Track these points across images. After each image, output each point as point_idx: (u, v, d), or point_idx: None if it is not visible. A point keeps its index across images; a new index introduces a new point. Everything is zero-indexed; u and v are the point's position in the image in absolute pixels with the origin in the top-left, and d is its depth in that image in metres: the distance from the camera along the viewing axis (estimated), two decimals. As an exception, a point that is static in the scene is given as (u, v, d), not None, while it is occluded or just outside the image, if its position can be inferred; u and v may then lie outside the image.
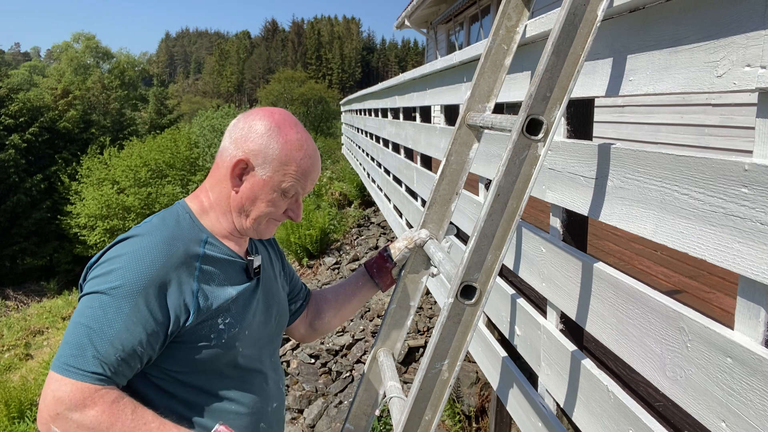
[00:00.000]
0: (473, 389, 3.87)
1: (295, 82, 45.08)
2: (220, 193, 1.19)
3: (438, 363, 1.16)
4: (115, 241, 1.11)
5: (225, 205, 1.18)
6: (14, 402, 6.66)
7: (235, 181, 1.16)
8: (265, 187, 1.15)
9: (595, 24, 1.13)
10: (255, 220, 1.18)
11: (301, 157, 1.17)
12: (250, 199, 1.16)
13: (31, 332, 11.89)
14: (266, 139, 1.15)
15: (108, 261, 1.07)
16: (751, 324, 0.93)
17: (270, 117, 1.18)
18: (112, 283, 1.03)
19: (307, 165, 1.18)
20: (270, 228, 1.23)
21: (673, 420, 1.55)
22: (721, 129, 4.04)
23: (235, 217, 1.18)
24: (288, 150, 1.15)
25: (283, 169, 1.15)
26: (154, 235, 1.10)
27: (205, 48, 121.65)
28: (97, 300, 1.03)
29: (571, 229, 1.61)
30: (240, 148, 1.15)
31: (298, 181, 1.17)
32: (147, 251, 1.06)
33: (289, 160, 1.15)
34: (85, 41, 38.09)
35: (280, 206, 1.19)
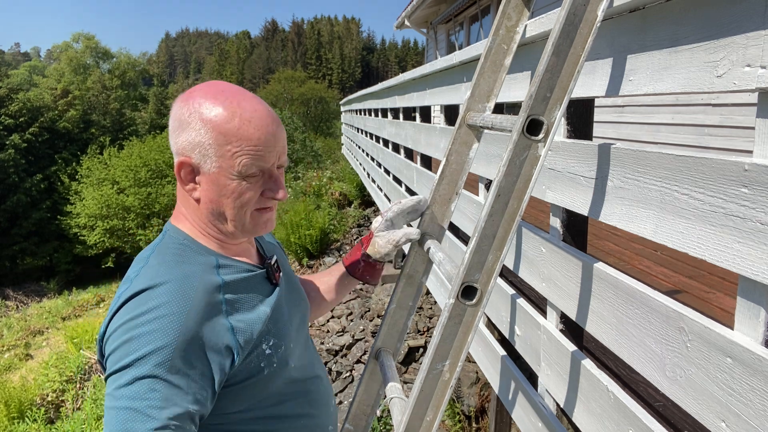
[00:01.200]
0: (473, 389, 3.87)
1: (295, 82, 45.11)
2: (188, 206, 1.02)
3: (439, 364, 1.16)
4: (120, 302, 0.92)
5: (202, 216, 1.01)
6: (14, 402, 6.66)
7: (189, 188, 0.98)
8: (219, 180, 0.96)
9: (595, 24, 1.13)
10: (235, 221, 1.00)
11: (237, 126, 0.94)
12: (213, 201, 0.98)
13: (31, 332, 11.89)
14: (191, 125, 0.94)
15: (122, 328, 0.88)
16: (751, 324, 0.93)
17: (188, 97, 0.97)
18: (137, 353, 0.85)
19: (250, 132, 0.94)
20: (261, 220, 1.03)
21: (673, 420, 1.55)
22: (721, 129, 4.04)
23: (217, 224, 1.01)
24: (218, 125, 0.93)
25: (226, 152, 0.94)
26: (162, 282, 0.92)
27: (205, 48, 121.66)
28: (129, 376, 0.84)
29: (571, 229, 1.61)
30: (175, 149, 0.97)
31: (251, 156, 0.95)
32: (163, 306, 0.89)
33: (227, 137, 0.93)
34: (85, 41, 38.08)
35: (251, 191, 0.98)
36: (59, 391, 7.07)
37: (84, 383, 7.13)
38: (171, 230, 1.03)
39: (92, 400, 5.54)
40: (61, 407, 6.74)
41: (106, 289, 17.10)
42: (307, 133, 25.24)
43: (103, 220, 20.13)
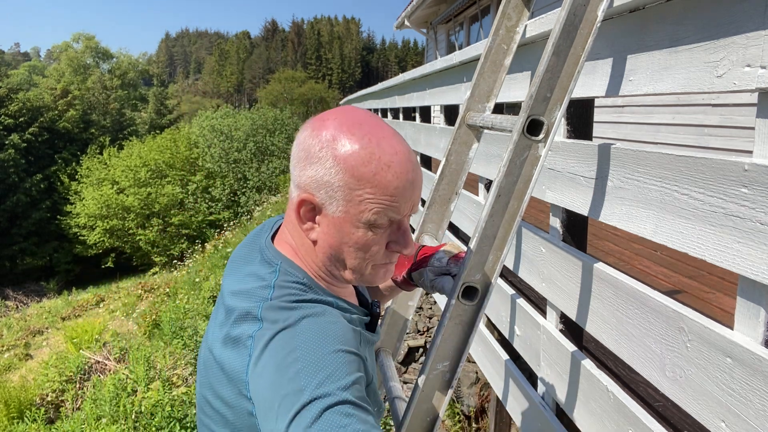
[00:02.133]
0: (473, 389, 3.87)
1: (295, 82, 45.15)
2: (302, 244, 0.90)
3: (439, 364, 1.16)
4: (262, 344, 0.78)
5: (315, 258, 0.90)
6: (14, 402, 6.65)
7: (307, 227, 0.87)
8: (343, 226, 0.84)
9: (595, 24, 1.13)
10: (354, 271, 0.89)
11: (374, 171, 0.81)
12: (333, 247, 0.86)
13: (31, 332, 11.88)
14: (322, 161, 0.82)
15: (281, 367, 0.74)
16: (751, 324, 0.93)
17: (320, 125, 0.85)
18: (312, 383, 0.71)
19: (389, 179, 0.82)
20: (380, 272, 0.91)
21: (673, 420, 1.55)
22: (720, 129, 4.04)
23: (332, 269, 0.90)
24: (353, 168, 0.81)
25: (356, 197, 0.82)
26: (302, 316, 0.80)
27: (205, 48, 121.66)
28: (314, 410, 0.68)
29: (571, 229, 1.61)
30: (298, 183, 0.86)
31: (384, 206, 0.82)
32: (318, 335, 0.78)
33: (360, 182, 0.81)
34: (85, 41, 38.12)
35: (377, 244, 0.86)
36: (59, 391, 7.07)
37: (84, 383, 7.12)
38: (285, 264, 0.90)
39: (92, 400, 5.54)
40: (61, 407, 6.74)
41: (106, 289, 17.08)
42: (307, 133, 25.24)
43: (103, 220, 20.12)
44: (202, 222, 20.56)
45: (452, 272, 1.17)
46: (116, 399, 5.21)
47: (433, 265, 1.18)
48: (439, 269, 1.18)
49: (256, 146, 21.85)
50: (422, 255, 1.21)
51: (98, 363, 7.55)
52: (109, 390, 5.45)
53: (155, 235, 19.88)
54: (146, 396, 5.14)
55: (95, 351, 8.13)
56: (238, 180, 21.53)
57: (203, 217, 20.68)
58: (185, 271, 13.25)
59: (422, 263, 1.20)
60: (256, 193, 20.58)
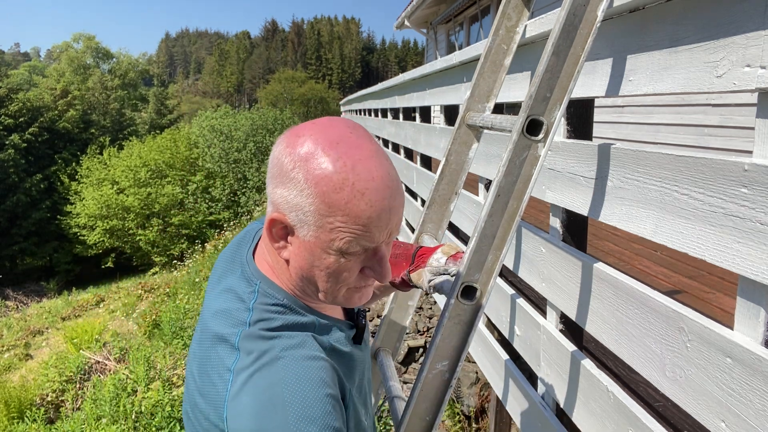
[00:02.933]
0: (473, 389, 3.87)
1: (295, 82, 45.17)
2: (276, 261, 0.87)
3: (439, 364, 1.16)
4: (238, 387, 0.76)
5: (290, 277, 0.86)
6: (14, 402, 6.66)
7: (279, 245, 0.83)
8: (314, 250, 0.79)
9: (595, 24, 1.13)
10: (326, 294, 0.84)
11: (347, 199, 0.75)
12: (303, 268, 0.82)
13: (31, 332, 11.89)
14: (293, 182, 0.77)
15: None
16: (751, 324, 0.93)
17: (295, 141, 0.78)
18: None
19: (360, 209, 0.76)
20: (355, 296, 0.87)
21: (673, 420, 1.55)
22: (720, 129, 4.04)
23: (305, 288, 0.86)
24: (324, 194, 0.75)
25: (326, 224, 0.77)
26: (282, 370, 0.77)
27: (205, 48, 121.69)
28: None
29: (571, 229, 1.61)
30: (272, 200, 0.81)
31: (357, 234, 0.77)
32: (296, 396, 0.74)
33: (331, 209, 0.76)
34: (85, 41, 38.15)
35: (347, 269, 0.82)
36: (59, 391, 7.07)
37: (84, 383, 7.13)
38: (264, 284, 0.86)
39: (92, 400, 5.54)
40: (61, 407, 6.74)
41: (106, 289, 17.08)
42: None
43: (103, 220, 20.13)
44: (202, 222, 20.57)
45: (450, 272, 1.17)
46: (116, 399, 5.21)
47: (431, 265, 1.17)
48: (438, 269, 1.17)
49: (256, 146, 21.85)
50: (420, 256, 1.20)
51: (98, 363, 7.56)
52: (109, 390, 5.46)
53: (155, 235, 19.88)
54: (146, 396, 5.14)
55: (95, 351, 8.14)
56: (238, 180, 21.53)
57: (203, 217, 20.69)
58: (185, 271, 13.26)
59: (420, 264, 1.19)
60: (256, 193, 20.58)
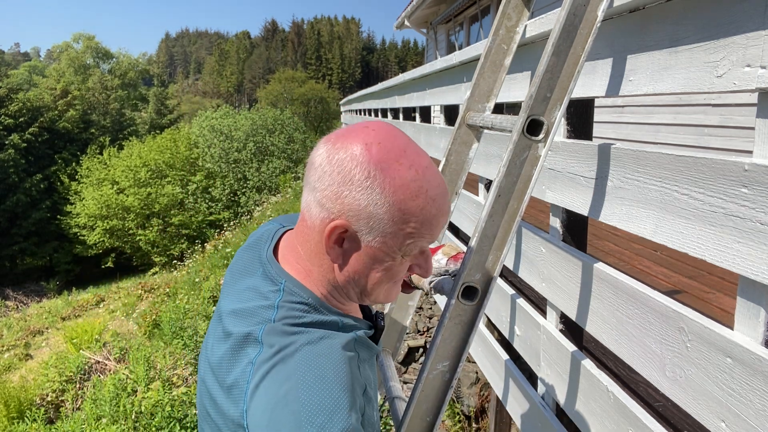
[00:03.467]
0: (473, 389, 3.87)
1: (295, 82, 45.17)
2: (320, 264, 0.86)
3: (439, 364, 1.16)
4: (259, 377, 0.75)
5: (332, 279, 0.86)
6: (14, 402, 6.66)
7: (334, 251, 0.83)
8: (377, 255, 0.82)
9: (595, 24, 1.13)
10: (370, 294, 0.87)
11: (422, 206, 0.79)
12: (358, 273, 0.84)
13: (31, 332, 11.89)
14: (367, 191, 0.78)
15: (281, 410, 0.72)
16: (751, 324, 0.93)
17: (364, 149, 0.79)
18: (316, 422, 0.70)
19: (431, 214, 0.81)
20: (393, 291, 0.90)
21: (673, 420, 1.55)
22: (720, 129, 4.04)
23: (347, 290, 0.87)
24: (401, 202, 0.78)
25: (399, 231, 0.80)
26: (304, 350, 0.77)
27: (205, 48, 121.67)
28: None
29: (571, 229, 1.61)
30: (330, 207, 0.80)
31: (422, 237, 0.82)
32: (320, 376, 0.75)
33: (406, 216, 0.79)
34: (85, 41, 38.12)
35: (402, 269, 0.86)
36: (59, 391, 7.07)
37: (84, 383, 7.12)
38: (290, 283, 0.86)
39: (92, 401, 5.54)
40: (61, 407, 6.74)
41: (106, 289, 17.08)
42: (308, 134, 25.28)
43: (103, 220, 20.12)
44: (202, 222, 20.57)
45: (451, 272, 1.18)
46: (116, 399, 5.21)
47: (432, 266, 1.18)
48: (438, 270, 1.18)
49: (256, 146, 21.85)
50: None
51: (98, 363, 7.56)
52: (109, 390, 5.46)
53: (155, 235, 19.88)
54: (146, 396, 5.14)
55: (95, 351, 8.14)
56: (238, 180, 21.53)
57: (203, 217, 20.68)
58: (185, 271, 13.25)
59: None
60: (256, 193, 20.58)
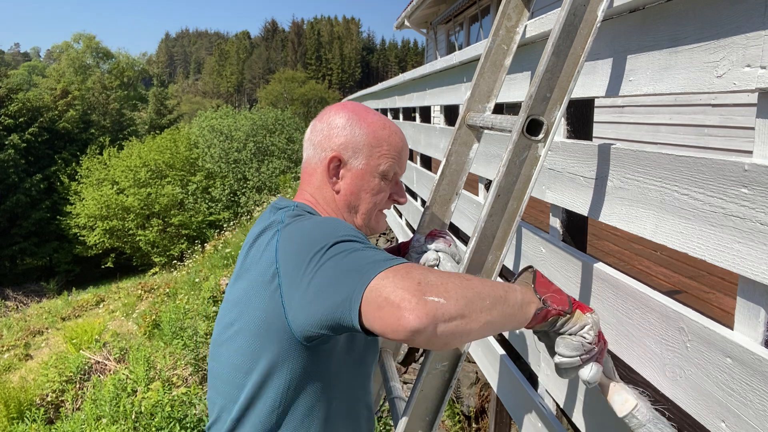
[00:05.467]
0: (473, 389, 3.87)
1: (295, 82, 45.19)
2: (323, 196, 1.15)
3: (439, 364, 1.16)
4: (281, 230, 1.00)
5: (335, 207, 1.15)
6: (14, 402, 6.65)
7: (333, 180, 1.14)
8: (364, 176, 1.13)
9: (595, 24, 1.13)
10: (365, 215, 1.16)
11: (389, 134, 1.15)
12: (353, 194, 1.14)
13: (31, 332, 11.88)
14: (349, 129, 1.13)
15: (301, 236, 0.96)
16: (751, 324, 0.93)
17: (344, 109, 1.16)
18: (330, 235, 0.92)
19: (396, 141, 1.16)
20: (381, 220, 1.20)
21: (673, 420, 1.55)
22: (720, 129, 4.04)
23: (347, 216, 1.15)
24: (374, 132, 1.13)
25: (376, 152, 1.13)
26: (312, 213, 1.09)
27: (205, 48, 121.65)
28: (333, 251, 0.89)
29: (571, 230, 1.61)
30: (327, 147, 1.13)
31: (394, 159, 1.16)
32: (324, 217, 1.06)
33: (379, 141, 1.14)
34: (85, 41, 38.10)
35: (384, 192, 1.17)
36: (59, 392, 7.06)
37: (84, 383, 7.12)
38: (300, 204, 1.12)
39: (92, 401, 5.53)
40: (61, 407, 6.73)
41: (106, 289, 17.07)
42: (308, 134, 25.23)
43: (103, 220, 20.11)
44: (202, 222, 20.55)
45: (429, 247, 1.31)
46: (116, 399, 5.21)
47: (413, 246, 1.35)
48: (419, 249, 1.33)
49: (256, 146, 21.85)
50: (404, 245, 1.39)
51: (98, 363, 7.55)
52: (109, 390, 5.45)
53: (155, 235, 19.87)
54: (146, 396, 5.14)
55: (95, 351, 8.13)
56: (238, 180, 21.52)
57: (203, 218, 20.67)
58: (185, 272, 13.25)
59: (405, 250, 1.37)
60: (256, 193, 20.58)
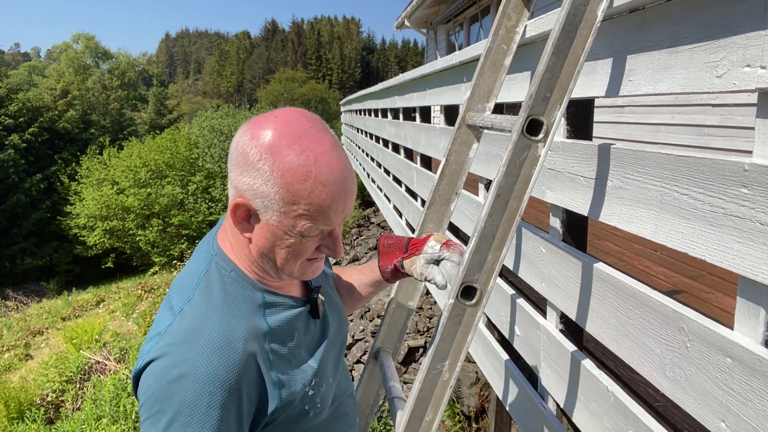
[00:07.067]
0: (473, 389, 3.87)
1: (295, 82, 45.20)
2: (236, 239, 0.96)
3: (439, 364, 1.16)
4: (160, 342, 0.86)
5: (249, 254, 0.95)
6: (14, 402, 6.65)
7: (242, 227, 0.92)
8: (276, 232, 0.89)
9: (595, 24, 1.13)
10: (283, 269, 0.94)
11: (310, 189, 0.85)
12: (265, 247, 0.92)
13: (31, 332, 11.88)
14: (260, 172, 0.85)
15: (159, 393, 0.83)
16: (751, 324, 0.93)
17: (262, 134, 0.86)
18: (170, 413, 0.82)
19: (321, 197, 0.86)
20: (309, 269, 0.97)
21: (673, 420, 1.55)
22: (720, 129, 4.04)
23: (263, 265, 0.95)
24: (289, 184, 0.84)
25: (290, 211, 0.86)
26: (207, 330, 0.87)
27: (205, 48, 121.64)
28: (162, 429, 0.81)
29: (571, 229, 1.61)
30: (236, 185, 0.89)
31: (315, 221, 0.88)
32: (204, 362, 0.83)
33: (294, 198, 0.85)
34: (85, 41, 38.07)
35: (306, 248, 0.92)
36: (59, 392, 7.07)
37: (84, 383, 7.12)
38: (219, 256, 0.96)
39: (92, 401, 5.54)
40: (61, 407, 6.74)
41: (106, 289, 17.06)
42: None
43: (103, 220, 20.10)
44: (202, 222, 20.53)
45: (444, 257, 1.20)
46: (116, 399, 5.21)
47: (426, 252, 1.21)
48: (432, 256, 1.21)
49: (256, 146, 21.81)
50: (414, 245, 1.24)
51: (98, 363, 7.55)
52: (109, 390, 5.46)
53: (155, 235, 19.85)
54: (146, 396, 5.13)
55: (95, 351, 8.13)
56: (238, 180, 21.48)
57: (203, 218, 20.65)
58: (185, 272, 13.21)
59: (414, 252, 1.23)
60: (256, 193, 20.54)
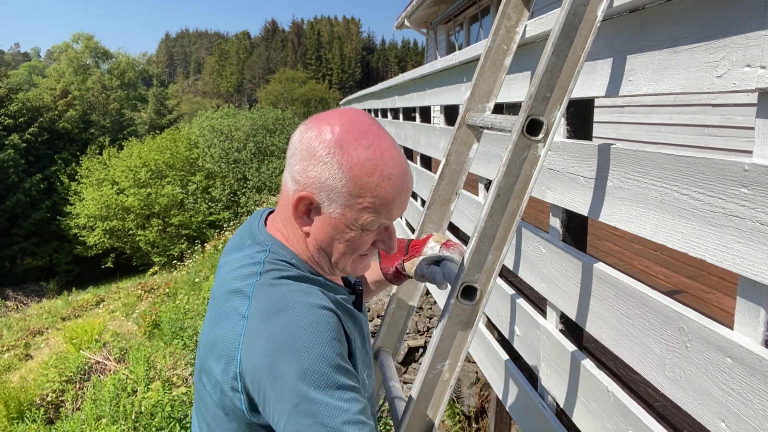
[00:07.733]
0: (473, 389, 3.86)
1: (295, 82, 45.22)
2: (293, 233, 0.96)
3: (439, 364, 1.16)
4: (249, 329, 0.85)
5: (304, 245, 0.96)
6: (14, 402, 6.65)
7: (302, 221, 0.93)
8: (338, 225, 0.91)
9: (595, 24, 1.13)
10: (338, 263, 0.96)
11: (377, 182, 0.88)
12: (324, 240, 0.93)
13: (31, 332, 11.87)
14: (328, 164, 0.87)
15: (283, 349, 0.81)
16: (751, 324, 0.93)
17: (329, 130, 0.88)
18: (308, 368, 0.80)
19: (387, 191, 0.89)
20: (360, 265, 0.99)
21: (673, 420, 1.55)
22: (720, 129, 4.04)
23: (317, 257, 0.96)
24: (357, 176, 0.87)
25: (356, 204, 0.88)
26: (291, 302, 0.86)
27: (205, 48, 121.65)
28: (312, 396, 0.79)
29: (571, 230, 1.61)
30: (299, 179, 0.90)
31: (379, 214, 0.90)
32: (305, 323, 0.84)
33: (361, 191, 0.88)
34: (84, 41, 38.07)
35: (364, 242, 0.94)
36: (59, 392, 7.06)
37: (84, 383, 7.12)
38: (275, 246, 0.96)
39: (92, 401, 5.54)
40: (61, 407, 6.73)
41: (106, 289, 17.07)
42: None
43: (103, 220, 20.11)
44: (202, 222, 20.54)
45: (444, 257, 1.21)
46: (116, 399, 5.21)
47: (426, 253, 1.23)
48: (432, 256, 1.22)
49: (257, 146, 21.83)
50: (414, 246, 1.26)
51: (98, 363, 7.55)
52: (109, 390, 5.45)
53: (155, 235, 19.86)
54: (146, 396, 5.14)
55: (95, 351, 8.13)
56: (238, 180, 21.50)
57: (203, 218, 20.66)
58: (185, 272, 13.24)
59: (415, 253, 1.25)
60: (256, 193, 20.56)
